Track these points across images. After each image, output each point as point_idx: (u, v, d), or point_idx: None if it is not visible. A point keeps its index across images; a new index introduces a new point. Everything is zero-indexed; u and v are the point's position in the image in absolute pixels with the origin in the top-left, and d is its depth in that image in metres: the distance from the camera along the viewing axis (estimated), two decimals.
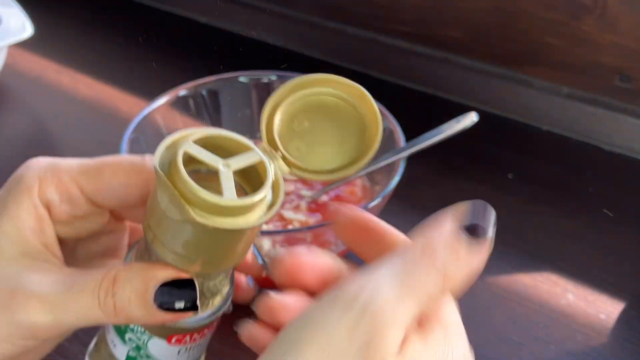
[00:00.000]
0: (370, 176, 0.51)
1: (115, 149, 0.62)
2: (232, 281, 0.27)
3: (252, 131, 0.56)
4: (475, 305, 0.46)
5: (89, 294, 0.23)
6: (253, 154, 0.25)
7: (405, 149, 0.44)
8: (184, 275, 0.24)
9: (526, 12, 0.64)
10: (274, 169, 0.25)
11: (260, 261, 0.28)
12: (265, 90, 0.55)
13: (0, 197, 0.26)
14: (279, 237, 0.42)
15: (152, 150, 0.50)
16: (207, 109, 0.53)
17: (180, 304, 0.23)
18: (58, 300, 0.23)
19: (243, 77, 0.54)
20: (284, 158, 0.27)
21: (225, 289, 0.26)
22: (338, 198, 0.49)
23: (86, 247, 0.29)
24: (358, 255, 0.28)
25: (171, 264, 0.24)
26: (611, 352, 0.43)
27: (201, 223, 0.22)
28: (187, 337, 0.26)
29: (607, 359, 0.43)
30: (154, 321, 0.24)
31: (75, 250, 0.28)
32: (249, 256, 0.27)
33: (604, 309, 0.46)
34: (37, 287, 0.23)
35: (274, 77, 0.54)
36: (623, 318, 0.46)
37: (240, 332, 0.25)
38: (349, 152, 0.28)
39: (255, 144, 0.26)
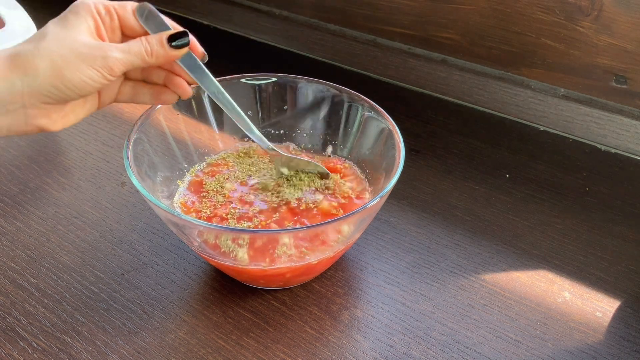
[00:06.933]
0: (369, 175, 0.52)
1: (118, 149, 0.63)
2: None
3: None
4: (473, 303, 0.47)
5: (138, 44, 0.41)
6: None
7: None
8: (180, 29, 0.43)
9: (523, 14, 0.64)
10: None
11: None
12: (267, 92, 0.55)
13: (67, 13, 0.41)
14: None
15: (155, 150, 0.50)
16: (209, 110, 0.54)
17: (181, 41, 0.42)
18: (124, 47, 0.40)
19: (245, 79, 0.54)
20: None
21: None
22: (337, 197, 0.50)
23: None
24: None
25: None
26: (607, 349, 0.44)
27: None
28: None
29: (604, 357, 0.43)
30: (169, 55, 0.42)
31: None
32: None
33: (600, 306, 0.47)
34: (112, 43, 0.41)
35: (274, 79, 0.55)
36: (619, 316, 0.46)
37: None
38: None
39: None
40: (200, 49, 0.45)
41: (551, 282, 0.49)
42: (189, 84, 0.46)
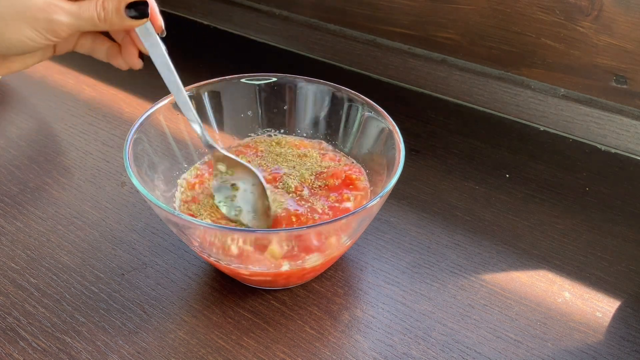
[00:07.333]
0: (369, 176, 0.52)
1: (118, 149, 0.63)
2: None
3: (253, 132, 0.57)
4: (473, 303, 0.47)
5: (92, 9, 0.38)
6: None
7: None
8: None
9: (523, 14, 0.64)
10: None
11: None
12: (267, 92, 0.55)
13: None
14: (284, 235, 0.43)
15: (155, 150, 0.51)
16: (209, 110, 0.54)
17: (140, 11, 0.39)
18: (74, 10, 0.38)
19: (245, 79, 0.55)
20: None
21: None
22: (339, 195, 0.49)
23: None
24: None
25: None
26: (607, 349, 0.44)
27: None
28: None
29: (604, 357, 0.43)
30: (125, 25, 0.39)
31: None
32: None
33: (600, 307, 0.47)
34: (62, 4, 0.38)
35: (274, 79, 0.55)
36: (619, 316, 0.46)
37: None
38: None
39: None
40: (159, 21, 0.42)
41: (551, 282, 0.49)
42: (142, 56, 0.43)
